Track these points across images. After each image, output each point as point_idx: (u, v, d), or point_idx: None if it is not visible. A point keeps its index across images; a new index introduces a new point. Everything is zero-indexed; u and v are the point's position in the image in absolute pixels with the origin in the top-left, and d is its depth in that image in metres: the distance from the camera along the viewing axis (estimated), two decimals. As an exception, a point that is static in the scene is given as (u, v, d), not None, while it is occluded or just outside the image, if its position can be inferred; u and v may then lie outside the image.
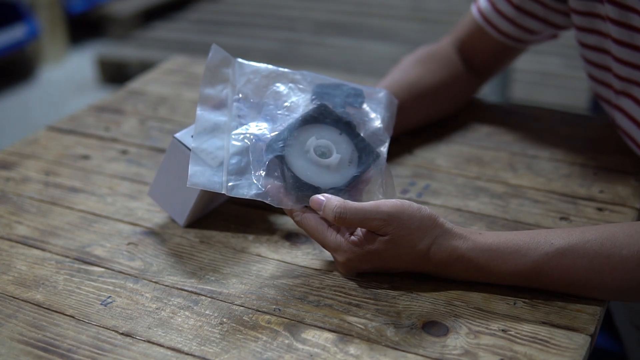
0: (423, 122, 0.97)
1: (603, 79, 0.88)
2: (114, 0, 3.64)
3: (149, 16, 3.67)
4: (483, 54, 0.98)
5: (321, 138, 0.72)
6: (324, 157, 0.72)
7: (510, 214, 0.81)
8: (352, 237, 0.68)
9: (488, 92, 2.10)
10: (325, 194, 0.68)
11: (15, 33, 3.08)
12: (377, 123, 0.77)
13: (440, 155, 0.94)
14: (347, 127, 0.74)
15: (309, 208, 0.69)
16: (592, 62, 0.88)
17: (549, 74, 2.75)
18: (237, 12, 3.64)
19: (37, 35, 3.19)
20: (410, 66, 0.95)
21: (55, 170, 0.92)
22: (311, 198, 0.68)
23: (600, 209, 0.81)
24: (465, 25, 0.98)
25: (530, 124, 1.01)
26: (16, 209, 0.84)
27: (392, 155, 0.92)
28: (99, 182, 0.90)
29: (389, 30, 3.26)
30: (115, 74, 3.11)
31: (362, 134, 0.75)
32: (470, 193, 0.85)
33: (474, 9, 0.96)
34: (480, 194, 0.85)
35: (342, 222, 0.67)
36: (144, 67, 2.66)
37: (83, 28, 3.64)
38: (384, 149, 0.75)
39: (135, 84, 1.18)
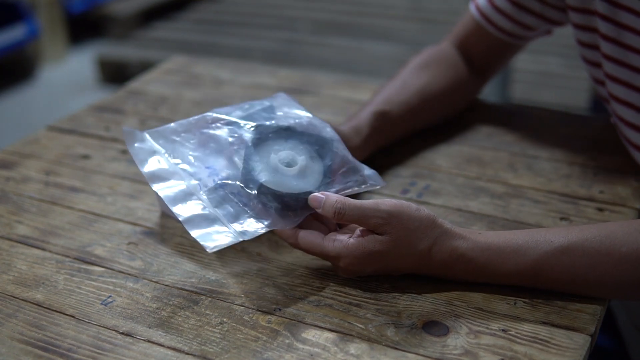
0: (430, 125, 0.98)
1: (599, 77, 0.88)
2: (114, 0, 3.64)
3: (149, 16, 3.67)
4: (481, 52, 0.99)
5: (277, 152, 0.73)
6: (291, 165, 0.72)
7: (510, 214, 0.81)
8: (351, 239, 0.67)
9: (488, 92, 2.10)
10: (324, 192, 0.69)
11: (15, 33, 3.08)
12: (303, 114, 0.78)
13: (441, 156, 0.94)
14: (289, 131, 0.75)
15: (298, 226, 0.69)
16: (591, 61, 0.89)
17: (549, 74, 2.75)
18: (237, 12, 3.64)
19: (37, 35, 3.19)
20: (418, 71, 0.97)
21: (56, 170, 0.92)
22: (310, 197, 0.69)
23: (600, 209, 0.81)
24: (464, 24, 1.00)
25: (530, 124, 1.01)
26: (16, 208, 0.84)
27: (393, 155, 0.92)
28: (99, 181, 0.90)
29: (389, 30, 3.26)
30: (115, 74, 3.11)
31: (303, 131, 0.76)
32: (470, 193, 0.85)
33: (472, 8, 0.98)
34: (481, 194, 0.85)
35: (341, 217, 0.67)
36: (144, 67, 2.66)
37: (83, 28, 3.64)
38: (329, 130, 0.77)
39: (135, 84, 1.18)
